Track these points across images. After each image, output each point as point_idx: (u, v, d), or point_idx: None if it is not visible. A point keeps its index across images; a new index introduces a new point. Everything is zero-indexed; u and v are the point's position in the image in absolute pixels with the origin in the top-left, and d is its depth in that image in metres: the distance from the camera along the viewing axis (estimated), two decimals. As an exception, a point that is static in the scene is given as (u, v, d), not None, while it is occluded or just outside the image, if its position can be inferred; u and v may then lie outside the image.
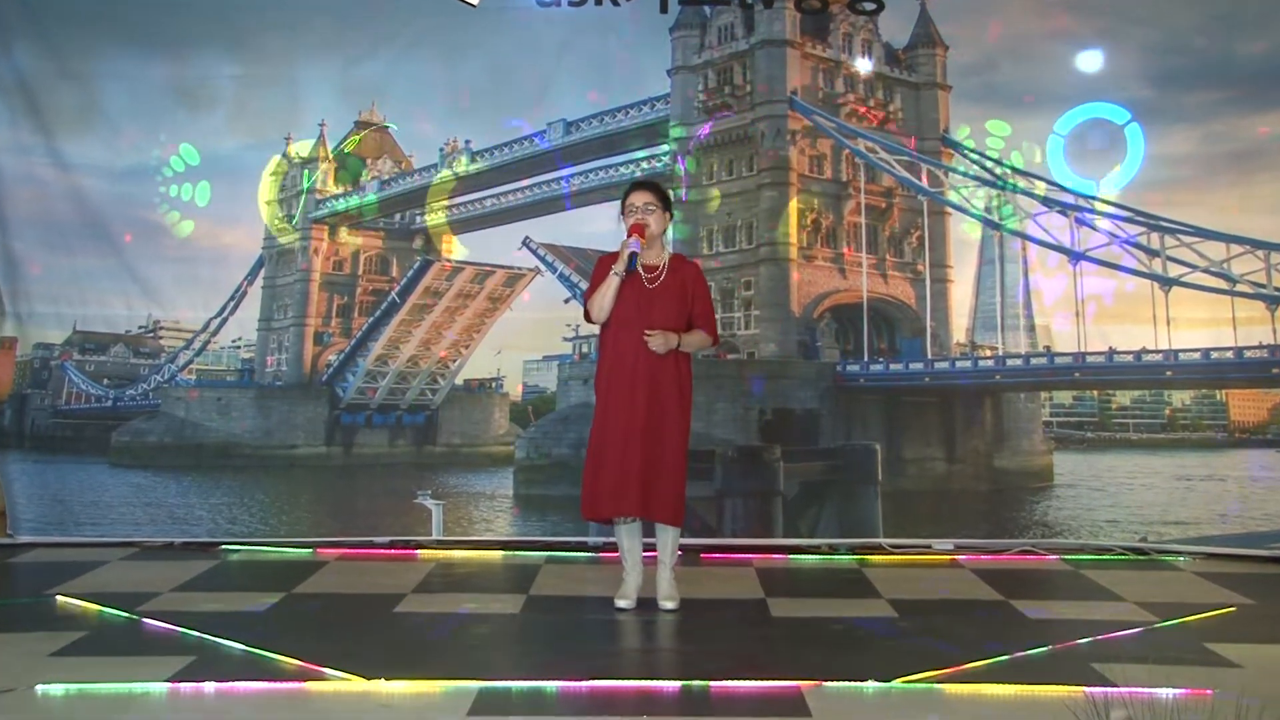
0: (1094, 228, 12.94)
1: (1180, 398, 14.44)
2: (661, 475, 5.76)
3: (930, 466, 13.82)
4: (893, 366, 15.04)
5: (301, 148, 15.79)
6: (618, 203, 5.99)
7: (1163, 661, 5.03)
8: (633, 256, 5.66)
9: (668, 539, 5.96)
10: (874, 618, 6.06)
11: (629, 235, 5.71)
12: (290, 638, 5.67)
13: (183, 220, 11.47)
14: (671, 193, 6.12)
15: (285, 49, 11.40)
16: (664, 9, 14.07)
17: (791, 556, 8.06)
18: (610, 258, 5.85)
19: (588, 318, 5.82)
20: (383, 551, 8.16)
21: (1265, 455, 10.89)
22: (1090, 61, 10.66)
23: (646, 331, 5.70)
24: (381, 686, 4.71)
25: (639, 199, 5.84)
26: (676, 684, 4.83)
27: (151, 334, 15.62)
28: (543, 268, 16.16)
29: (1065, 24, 11.03)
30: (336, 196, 17.00)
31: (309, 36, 11.18)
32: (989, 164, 14.11)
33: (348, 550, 8.10)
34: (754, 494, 12.21)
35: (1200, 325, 11.84)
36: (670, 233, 6.15)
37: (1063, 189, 13.01)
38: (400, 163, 17.01)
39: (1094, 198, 12.58)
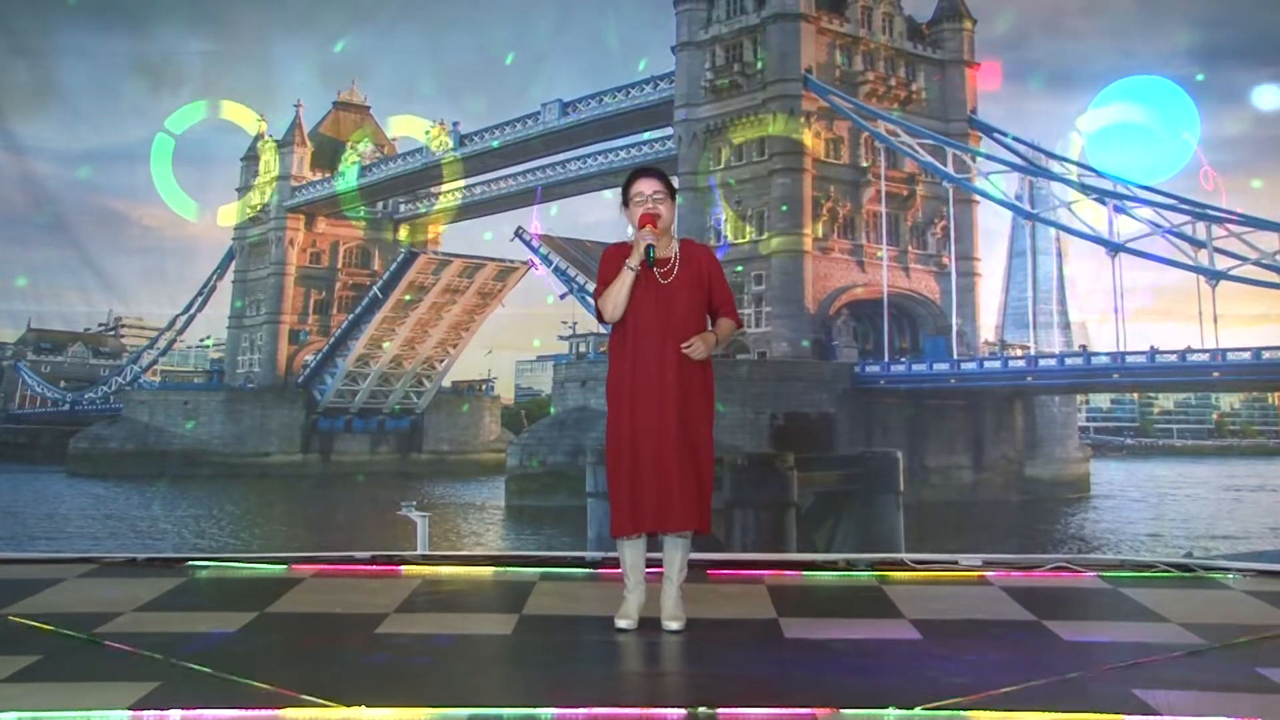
0: (1134, 216, 12.92)
1: (1229, 401, 14.41)
2: (699, 481, 5.76)
3: (956, 475, 13.80)
4: (915, 367, 15.01)
5: (275, 130, 15.82)
6: (615, 190, 5.96)
7: (1210, 688, 5.00)
8: (649, 249, 5.62)
9: (677, 554, 5.93)
10: (895, 639, 6.03)
11: (640, 226, 5.68)
12: (263, 661, 5.63)
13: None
14: (675, 180, 6.10)
15: (258, 23, 11.35)
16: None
17: (806, 573, 8.02)
18: (619, 249, 5.82)
19: (600, 318, 5.78)
20: (363, 568, 8.12)
21: (1322, 464, 10.86)
22: (1130, 36, 10.61)
23: (684, 346, 5.69)
24: (362, 714, 4.69)
25: (647, 187, 5.79)
26: (681, 711, 4.80)
27: (112, 332, 15.64)
28: (537, 261, 16.16)
29: (1103, -6, 10.99)
30: (313, 183, 17.01)
31: (283, 10, 11.13)
32: (1020, 147, 14.11)
33: (325, 566, 8.06)
34: (765, 505, 12.18)
35: (1251, 322, 11.80)
36: (674, 224, 6.12)
37: (1100, 175, 12.99)
38: (383, 146, 17.02)
39: (1134, 184, 12.54)
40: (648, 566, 6.04)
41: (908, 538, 11.59)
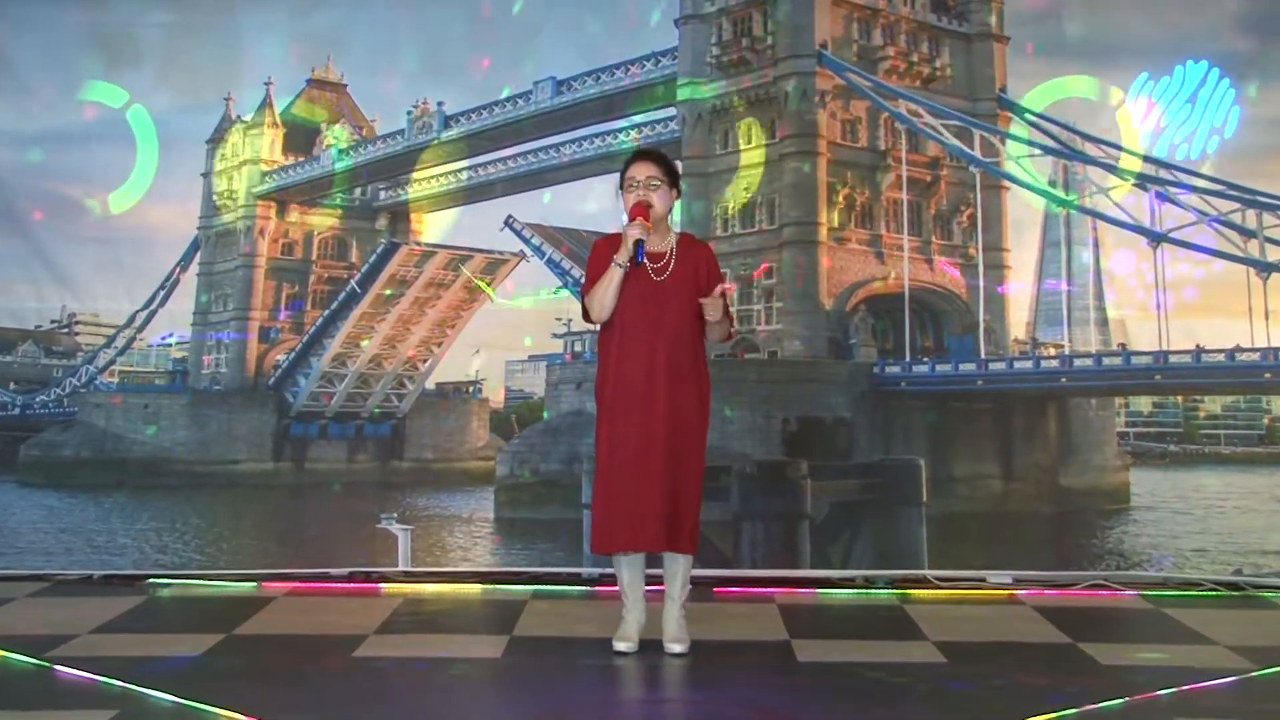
0: (1178, 204, 12.89)
1: (1281, 404, 14.38)
2: (684, 497, 5.72)
3: (984, 485, 13.79)
4: (939, 368, 14.99)
5: (244, 109, 15.82)
6: (613, 176, 5.94)
7: (1259, 717, 4.99)
8: (638, 245, 5.59)
9: (678, 571, 5.91)
10: (918, 663, 6.02)
11: (630, 218, 5.64)
12: (230, 687, 5.62)
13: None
14: (679, 165, 6.08)
15: (224, -9, 11.36)
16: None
17: (820, 591, 8.01)
18: (609, 242, 5.78)
19: (586, 316, 5.74)
20: (340, 585, 8.12)
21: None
22: (1175, 5, 10.60)
23: (705, 302, 5.66)
24: (337, 745, 4.68)
25: (640, 172, 5.74)
26: (686, 742, 4.79)
27: (66, 329, 15.63)
28: (528, 252, 16.16)
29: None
30: (285, 168, 17.01)
31: (252, -23, 11.14)
32: (1054, 129, 14.09)
33: (299, 584, 8.05)
34: (776, 517, 12.17)
35: (1305, 318, 11.79)
36: (676, 212, 6.10)
37: (1141, 158, 12.97)
38: (361, 128, 17.03)
39: (1178, 168, 12.52)
40: (648, 584, 6.03)
41: (931, 553, 11.59)
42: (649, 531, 5.61)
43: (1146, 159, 12.23)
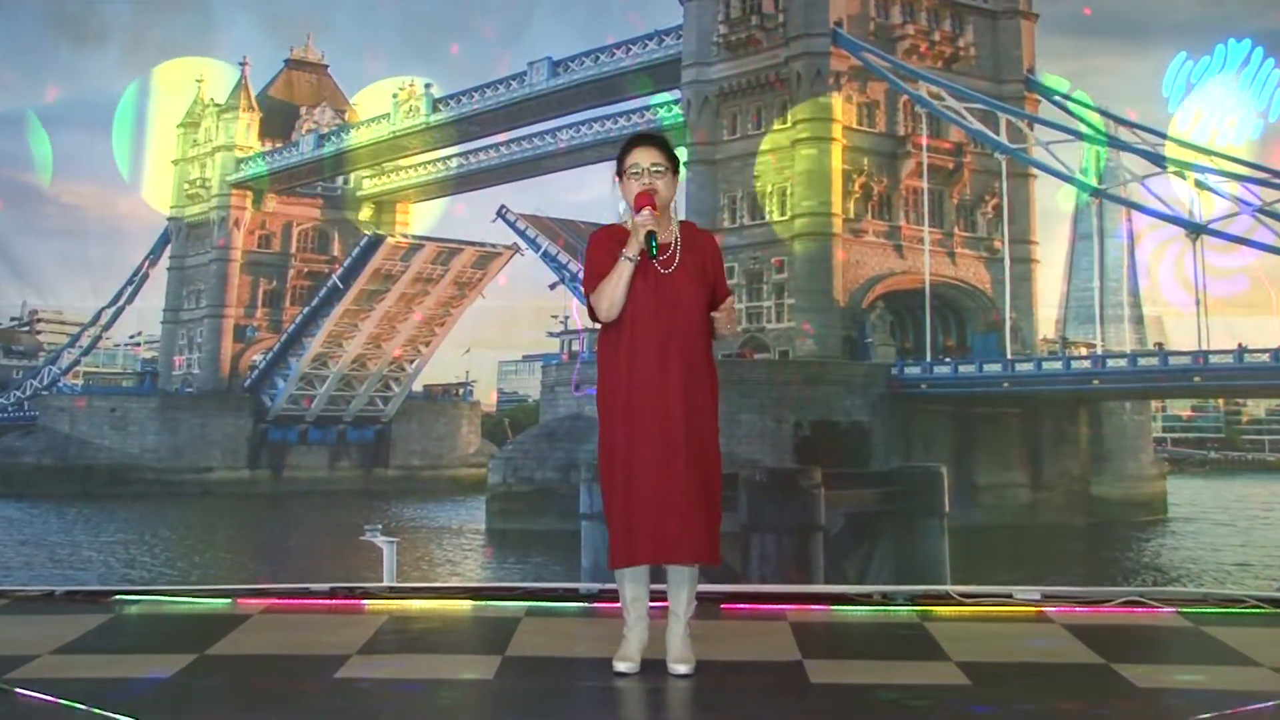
0: (1219, 193, 12.89)
1: (1330, 408, 14.37)
2: (707, 503, 5.73)
3: (1010, 495, 13.78)
4: (962, 369, 15.00)
5: (217, 92, 15.80)
6: (613, 164, 5.93)
7: (1308, 742, 5.00)
8: (650, 236, 5.58)
9: (684, 586, 5.92)
10: (939, 685, 6.02)
11: (637, 207, 5.63)
12: (203, 712, 5.63)
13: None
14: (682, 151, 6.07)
15: (196, -34, 11.37)
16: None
17: (835, 608, 8.02)
18: (609, 234, 5.78)
19: (593, 315, 5.74)
20: (321, 601, 8.13)
21: None
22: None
23: (714, 314, 5.66)
24: (317, 773, 4.68)
25: (645, 158, 5.75)
26: (691, 770, 4.80)
27: (26, 328, 15.61)
28: (523, 244, 16.14)
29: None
30: (262, 155, 16.99)
31: (226, -50, 11.15)
32: (1086, 113, 14.04)
33: (276, 600, 8.07)
34: (787, 529, 12.17)
35: (1358, 316, 11.79)
36: (679, 200, 6.08)
37: (1180, 144, 12.95)
38: (343, 112, 17.00)
39: (1219, 155, 12.52)
40: (651, 600, 6.03)
41: (953, 567, 11.59)
42: (678, 542, 5.62)
43: (1185, 145, 12.22)
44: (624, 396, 5.71)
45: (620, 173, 5.84)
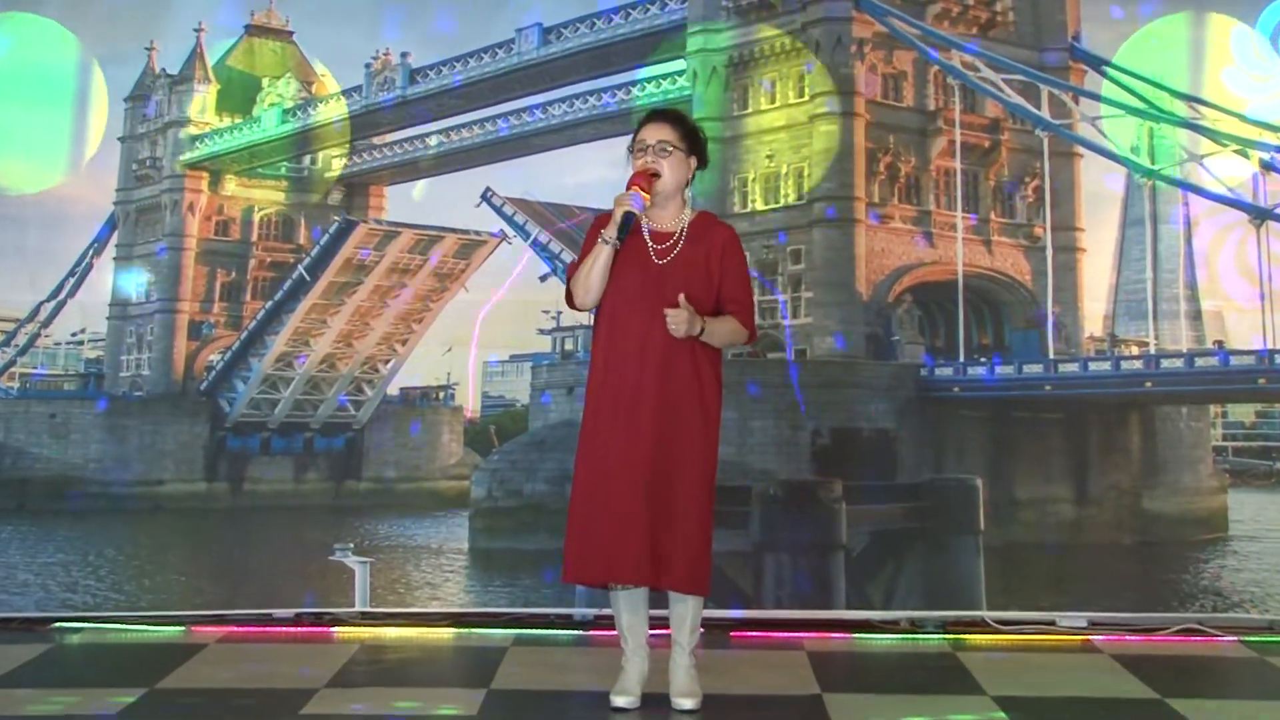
0: (1286, 174, 12.89)
1: None
2: (677, 523, 5.70)
3: (1053, 510, 13.75)
4: (1000, 370, 14.97)
5: (170, 62, 15.79)
6: (610, 142, 5.94)
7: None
8: (628, 217, 5.58)
9: (687, 612, 5.92)
10: (976, 723, 6.02)
11: (627, 187, 5.64)
12: (152, 751, 5.63)
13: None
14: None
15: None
16: None
17: (857, 636, 8.03)
18: (609, 219, 5.79)
19: (570, 302, 5.75)
20: (285, 629, 8.14)
21: None
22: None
23: (667, 310, 5.62)
24: (280, 820, 4.67)
25: (651, 135, 5.76)
26: (698, 817, 4.79)
27: (-43, 325, 15.60)
28: (510, 232, 16.11)
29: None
30: (220, 131, 16.95)
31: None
32: (1138, 85, 13.99)
33: (236, 628, 8.08)
34: (805, 547, 12.16)
35: None
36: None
37: (1244, 120, 12.94)
38: (310, 84, 16.98)
39: (1285, 131, 12.52)
40: (652, 627, 6.03)
41: (990, 590, 11.56)
42: (629, 561, 5.59)
43: (1250, 121, 12.23)
44: (596, 395, 5.72)
45: (632, 150, 5.87)
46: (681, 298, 5.58)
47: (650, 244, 5.80)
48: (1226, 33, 11.32)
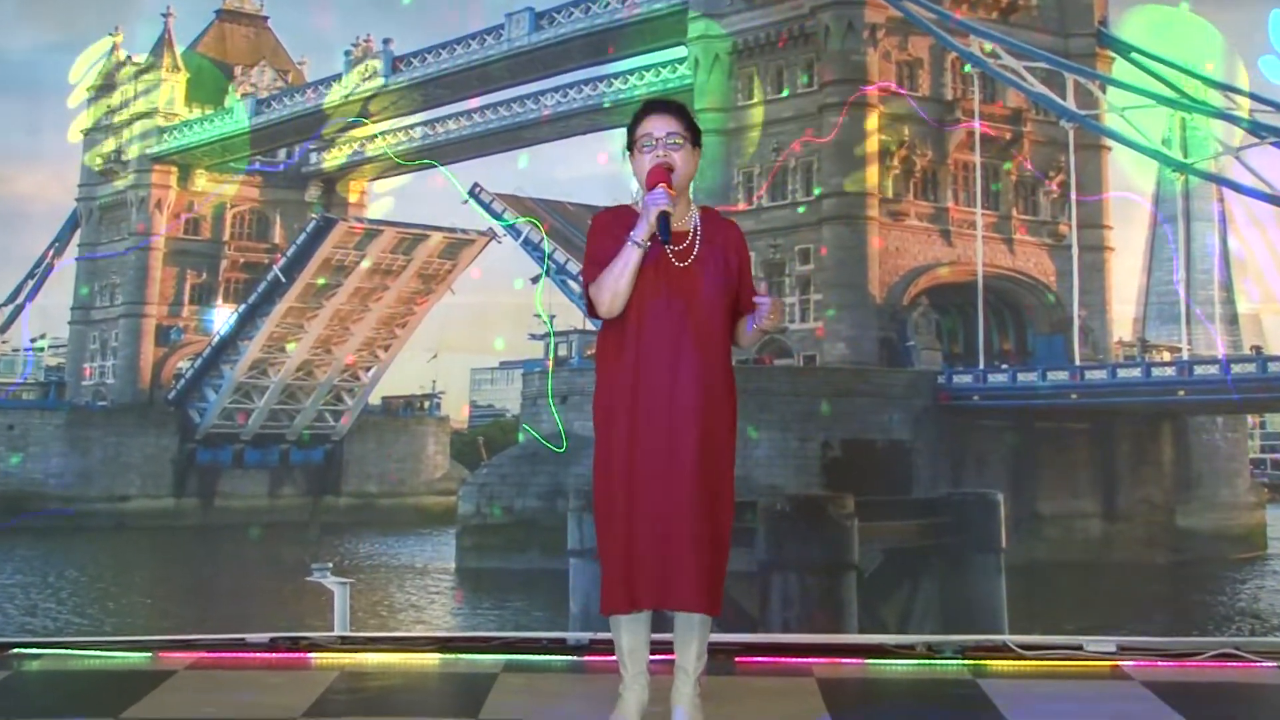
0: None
1: None
2: (721, 545, 5.70)
3: (1080, 526, 13.74)
4: (1022, 377, 14.94)
5: (137, 48, 15.79)
6: (606, 134, 5.93)
7: None
8: (664, 218, 5.56)
9: (694, 635, 5.90)
10: (998, 754, 6.02)
11: (649, 184, 5.61)
12: (117, 785, 5.63)
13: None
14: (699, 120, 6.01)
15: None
16: None
17: (870, 661, 8.01)
18: (614, 216, 5.74)
19: (592, 310, 5.71)
20: (259, 655, 8.12)
21: None
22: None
23: (760, 299, 5.61)
24: None
25: (659, 127, 5.72)
26: None
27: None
28: (500, 230, 16.10)
29: None
30: (190, 123, 16.97)
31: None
32: (1170, 73, 14.00)
33: (206, 654, 8.06)
34: (815, 567, 12.14)
35: None
36: (691, 182, 6.06)
37: (1280, 110, 12.96)
38: (286, 73, 16.99)
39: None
40: (653, 652, 6.01)
41: (1013, 613, 11.58)
42: (683, 586, 5.59)
43: (1286, 110, 12.23)
44: (627, 409, 5.69)
45: (631, 145, 5.83)
46: (764, 286, 5.61)
47: (669, 245, 5.79)
48: (1264, 17, 11.33)
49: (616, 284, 5.57)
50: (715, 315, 5.69)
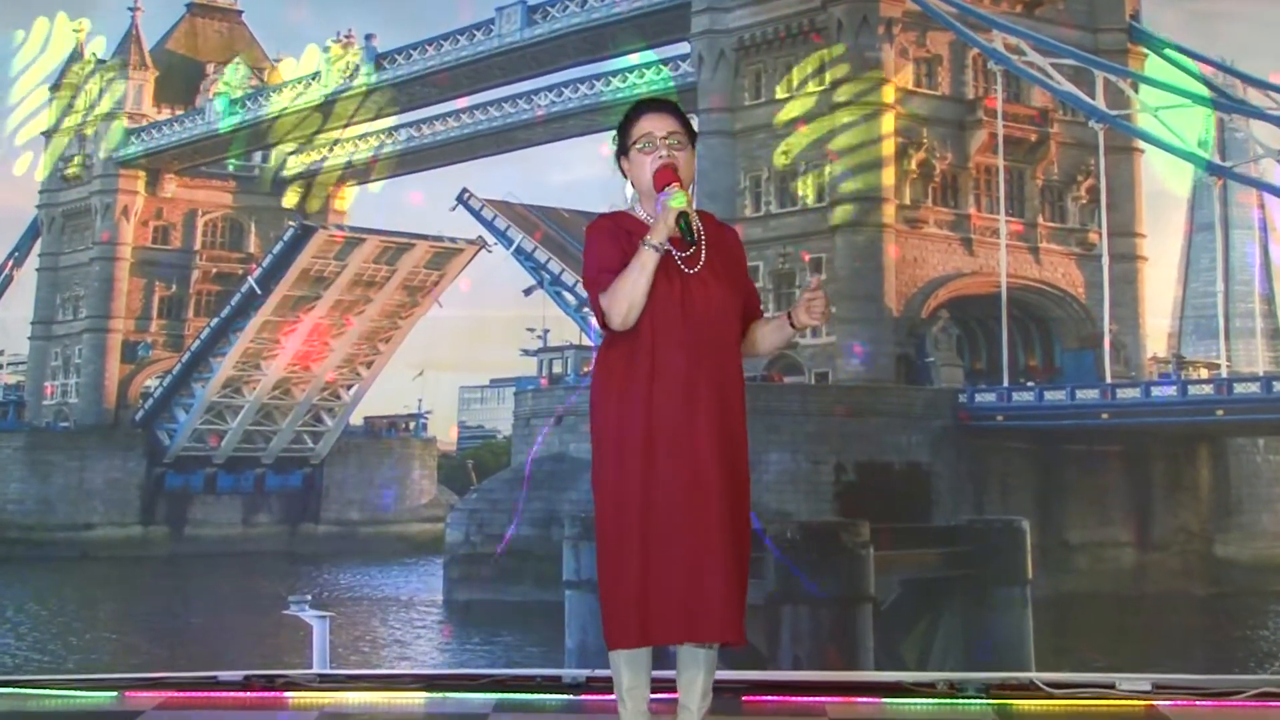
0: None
1: None
2: (738, 572, 5.70)
3: (1111, 556, 13.71)
4: (1049, 396, 14.92)
5: (100, 46, 15.83)
6: (604, 136, 5.95)
7: None
8: (683, 218, 5.56)
9: (699, 672, 5.89)
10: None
11: (660, 184, 5.61)
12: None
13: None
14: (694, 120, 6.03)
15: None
16: None
17: (888, 700, 8.02)
18: (615, 221, 5.74)
19: (604, 322, 5.70)
20: (233, 694, 8.12)
21: None
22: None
23: (810, 295, 5.60)
24: None
25: (659, 126, 5.72)
26: None
27: None
28: (490, 238, 16.11)
29: None
30: (159, 124, 16.98)
31: None
32: (1207, 70, 14.02)
33: (175, 693, 8.06)
34: (828, 599, 12.13)
35: None
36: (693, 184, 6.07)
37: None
38: (261, 71, 17.00)
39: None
40: (654, 690, 6.01)
41: (1039, 648, 11.58)
42: (712, 617, 5.58)
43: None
44: (642, 427, 5.68)
45: (624, 149, 5.83)
46: (815, 279, 5.60)
47: (676, 253, 5.79)
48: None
49: (633, 292, 5.55)
50: (729, 324, 5.70)
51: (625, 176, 5.83)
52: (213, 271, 16.41)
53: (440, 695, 8.05)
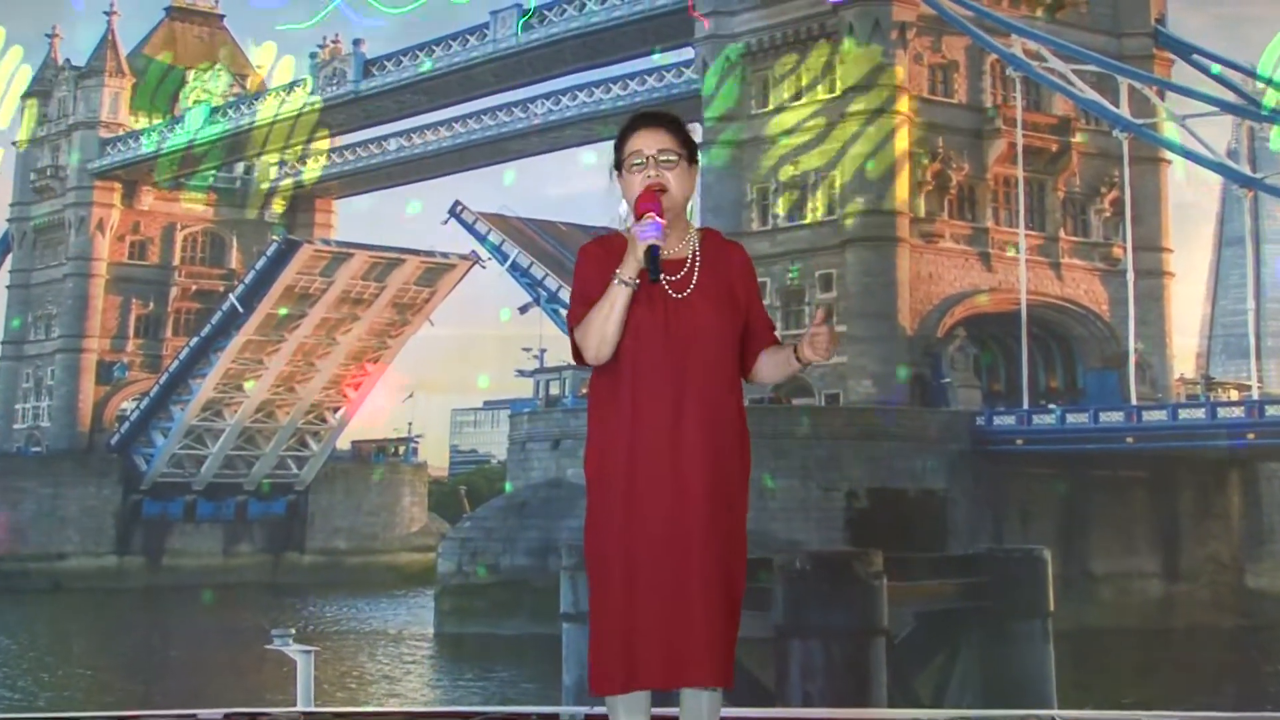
0: None
1: None
2: (726, 614, 5.64)
3: (1137, 587, 13.64)
4: (1071, 418, 14.85)
5: (76, 52, 15.78)
6: (602, 145, 5.92)
7: None
8: (653, 252, 5.51)
9: (701, 712, 5.86)
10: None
11: (639, 213, 5.56)
12: None
13: None
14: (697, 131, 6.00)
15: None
16: None
17: (905, 740, 8.00)
18: (603, 246, 5.70)
19: (579, 357, 5.66)
20: (212, 733, 8.10)
21: None
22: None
23: (816, 331, 5.55)
24: None
25: (649, 143, 5.68)
26: None
27: None
28: (484, 253, 16.07)
29: None
30: (137, 134, 16.91)
31: None
32: (1236, 77, 13.97)
33: (152, 731, 8.04)
34: (839, 632, 12.03)
35: None
36: (695, 198, 6.03)
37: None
38: (244, 77, 16.97)
39: None
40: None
41: (1062, 684, 11.54)
42: (694, 663, 5.53)
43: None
44: (624, 467, 5.63)
45: (619, 163, 5.79)
46: (821, 312, 5.53)
47: (664, 276, 5.74)
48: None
49: (604, 329, 5.49)
50: (722, 350, 5.63)
51: (622, 193, 5.79)
52: (192, 288, 16.41)
53: (432, 734, 8.02)
